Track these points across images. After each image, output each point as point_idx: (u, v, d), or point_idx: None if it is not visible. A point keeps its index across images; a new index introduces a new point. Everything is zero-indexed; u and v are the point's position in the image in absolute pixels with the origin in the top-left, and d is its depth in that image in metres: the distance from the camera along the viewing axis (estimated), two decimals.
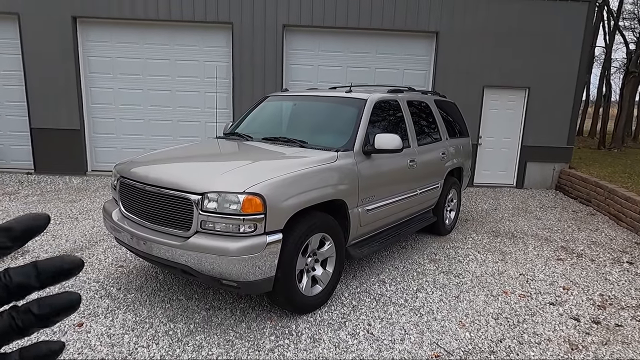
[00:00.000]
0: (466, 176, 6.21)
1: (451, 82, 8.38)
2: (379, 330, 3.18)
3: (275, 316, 3.31)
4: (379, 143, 3.75)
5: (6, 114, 8.52)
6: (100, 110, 8.63)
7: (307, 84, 8.52)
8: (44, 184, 7.72)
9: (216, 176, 3.05)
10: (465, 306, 3.63)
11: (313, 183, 3.26)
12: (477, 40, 8.39)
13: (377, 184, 3.96)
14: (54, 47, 8.12)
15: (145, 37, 8.37)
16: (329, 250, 3.46)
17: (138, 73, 8.50)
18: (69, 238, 4.94)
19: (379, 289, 3.89)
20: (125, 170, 3.49)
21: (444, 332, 3.19)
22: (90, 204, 6.51)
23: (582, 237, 5.75)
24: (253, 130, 4.53)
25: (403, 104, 4.65)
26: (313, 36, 8.49)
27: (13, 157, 8.67)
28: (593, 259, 4.93)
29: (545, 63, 8.50)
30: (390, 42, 8.57)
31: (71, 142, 8.47)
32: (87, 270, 4.06)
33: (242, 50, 8.28)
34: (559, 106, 8.68)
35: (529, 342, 3.11)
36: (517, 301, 3.77)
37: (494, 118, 8.82)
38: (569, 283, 4.23)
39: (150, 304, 3.45)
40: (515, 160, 9.01)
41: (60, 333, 2.97)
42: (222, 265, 2.81)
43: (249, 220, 2.82)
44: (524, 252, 5.08)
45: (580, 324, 3.43)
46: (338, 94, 4.49)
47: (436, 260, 4.67)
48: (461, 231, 5.81)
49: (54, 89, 8.24)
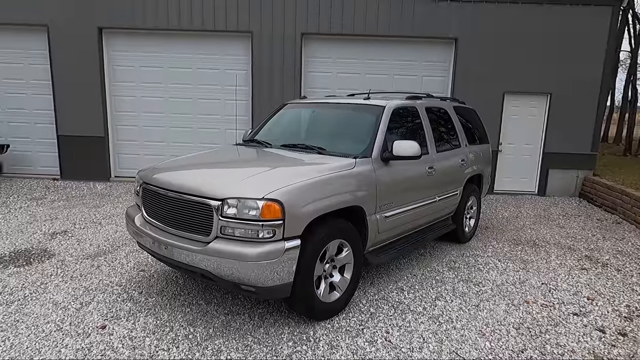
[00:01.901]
0: (486, 183, 6.12)
1: (471, 89, 8.30)
2: (397, 338, 3.15)
3: (293, 322, 3.32)
4: (397, 150, 3.75)
5: (35, 122, 8.83)
6: (123, 118, 8.86)
7: (326, 91, 8.57)
8: (70, 190, 7.95)
9: (236, 182, 3.09)
10: (485, 315, 3.57)
11: (331, 189, 3.27)
12: (497, 46, 8.31)
13: (395, 190, 3.95)
14: (80, 57, 8.40)
15: (167, 46, 8.58)
16: (347, 256, 3.46)
17: (160, 81, 8.71)
18: (92, 242, 5.07)
19: (397, 296, 3.86)
20: (148, 177, 3.58)
21: (463, 342, 3.14)
22: (113, 209, 6.66)
23: (608, 246, 5.59)
24: (272, 137, 4.59)
25: (421, 111, 4.64)
26: (331, 44, 8.56)
27: (40, 164, 8.97)
28: (619, 269, 4.79)
29: (567, 68, 8.34)
30: (409, 48, 8.56)
31: (96, 149, 8.71)
32: (110, 273, 4.16)
33: (261, 59, 8.40)
34: (582, 112, 8.50)
35: (551, 353, 3.04)
36: (539, 311, 3.69)
37: (515, 124, 8.69)
38: (594, 293, 4.12)
39: (170, 307, 3.50)
40: (537, 167, 8.84)
41: (84, 335, 3.05)
42: (241, 270, 2.84)
43: (267, 226, 2.85)
44: (546, 261, 4.97)
45: (605, 335, 3.33)
46: (356, 101, 4.51)
47: (455, 268, 4.61)
48: (481, 239, 5.72)
49: (80, 97, 8.51)
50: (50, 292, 3.72)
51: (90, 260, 4.49)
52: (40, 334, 3.05)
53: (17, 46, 8.56)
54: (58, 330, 3.11)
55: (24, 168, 8.95)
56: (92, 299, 3.61)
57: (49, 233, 5.36)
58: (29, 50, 8.56)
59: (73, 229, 5.55)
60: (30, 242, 5.02)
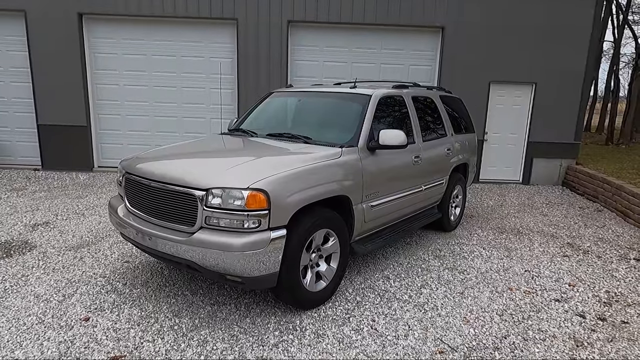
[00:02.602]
0: (472, 172, 6.18)
1: (457, 78, 8.32)
2: (383, 326, 3.18)
3: (280, 311, 3.32)
4: (384, 139, 3.74)
5: (14, 111, 8.59)
6: (106, 107, 8.67)
7: (312, 79, 8.51)
8: (51, 180, 7.78)
9: (220, 172, 3.05)
10: (469, 302, 3.62)
11: (317, 179, 3.26)
12: (483, 35, 8.32)
13: (382, 180, 3.95)
14: (60, 43, 8.16)
15: (150, 33, 8.39)
16: (333, 246, 3.46)
17: (144, 69, 8.53)
18: (75, 233, 4.98)
19: (384, 285, 3.89)
20: (131, 166, 3.51)
21: (448, 328, 3.19)
22: (96, 199, 6.55)
23: (589, 234, 5.71)
24: (258, 126, 4.54)
25: (408, 100, 4.63)
26: (318, 32, 8.47)
27: (21, 154, 8.75)
28: (599, 256, 4.89)
29: (552, 58, 8.41)
30: (396, 37, 8.52)
31: (77, 138, 8.53)
32: (93, 265, 4.10)
33: (246, 46, 8.28)
34: (566, 102, 8.60)
35: (533, 339, 3.10)
36: (522, 298, 3.75)
37: (500, 114, 8.76)
38: (575, 280, 4.20)
39: (155, 299, 3.47)
40: (522, 157, 8.95)
41: (66, 327, 3.01)
42: (226, 260, 2.82)
43: (253, 216, 2.83)
44: (529, 248, 5.05)
45: (585, 320, 3.41)
46: (342, 89, 4.48)
47: (441, 257, 4.66)
48: (466, 227, 5.79)
49: (60, 85, 8.29)
50: (32, 285, 3.65)
51: (73, 252, 4.42)
52: (22, 327, 3.00)
53: None
54: (40, 323, 3.05)
55: (3, 158, 8.72)
56: (75, 291, 3.56)
57: (30, 224, 5.25)
58: (5, 36, 8.28)
59: (55, 220, 5.45)
60: (11, 233, 4.91)
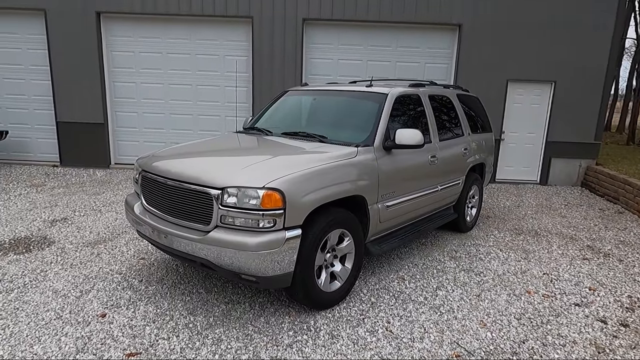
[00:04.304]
0: (488, 172, 6.08)
1: (474, 76, 8.20)
2: (398, 328, 3.14)
3: (294, 311, 3.31)
4: (400, 138, 3.69)
5: (34, 108, 8.76)
6: (123, 104, 8.78)
7: (327, 77, 8.47)
8: (69, 177, 7.91)
9: (236, 171, 3.05)
10: (486, 305, 3.55)
11: (333, 178, 3.23)
12: (501, 32, 8.18)
13: (398, 179, 3.90)
14: (79, 42, 8.29)
15: (166, 31, 8.46)
16: (348, 246, 3.44)
17: (160, 67, 8.61)
18: (92, 230, 5.05)
19: (398, 286, 3.85)
20: (147, 164, 3.53)
21: (464, 332, 3.13)
22: (113, 196, 6.64)
23: (610, 236, 5.57)
24: (272, 124, 4.53)
25: (425, 99, 4.57)
26: (333, 30, 8.42)
27: (40, 150, 8.92)
28: (621, 259, 4.76)
29: (572, 56, 8.22)
30: (412, 35, 8.43)
31: (95, 135, 8.65)
32: (110, 261, 4.15)
33: (261, 44, 8.28)
34: (586, 100, 8.40)
35: (553, 344, 3.03)
36: (541, 301, 3.67)
37: (518, 113, 8.60)
38: (596, 284, 4.10)
39: (171, 296, 3.49)
40: (540, 156, 8.78)
41: (84, 323, 3.04)
42: (241, 259, 2.82)
43: (268, 216, 2.82)
44: (547, 250, 4.95)
45: (607, 326, 3.32)
46: (358, 88, 4.43)
47: (457, 258, 4.59)
48: (482, 228, 5.70)
49: (78, 83, 8.42)
50: (50, 280, 3.70)
51: (90, 248, 4.48)
52: (40, 322, 3.04)
53: (15, 31, 8.43)
54: (58, 319, 3.10)
55: (23, 155, 8.90)
56: (92, 287, 3.60)
57: (48, 220, 5.34)
58: (26, 35, 8.44)
59: (73, 216, 5.53)
60: (30, 229, 5.00)
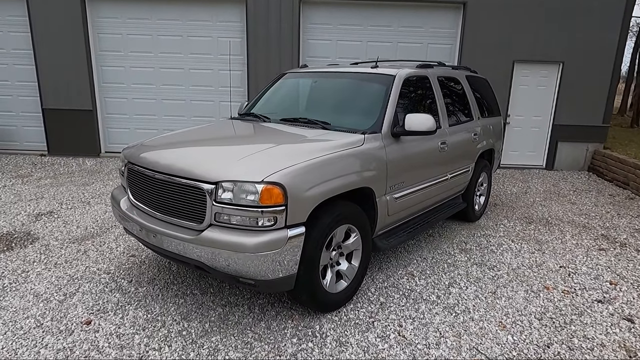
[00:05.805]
0: (497, 158, 5.79)
1: (479, 57, 7.84)
2: (412, 332, 2.89)
3: (297, 314, 3.04)
4: (410, 124, 3.38)
5: (18, 94, 8.34)
6: (111, 90, 8.37)
7: (325, 59, 8.09)
8: (57, 166, 7.56)
9: (231, 163, 2.73)
10: (504, 304, 3.30)
11: (338, 170, 2.93)
12: (507, 11, 7.79)
13: (407, 169, 3.61)
14: (63, 24, 7.83)
15: (156, 12, 8.01)
16: (355, 242, 3.16)
17: (150, 50, 8.18)
18: (80, 224, 4.75)
19: (408, 283, 3.58)
20: (134, 156, 3.21)
21: (483, 335, 2.88)
22: (103, 187, 6.31)
23: (624, 224, 5.32)
24: (270, 110, 4.20)
25: (434, 81, 4.24)
26: (331, 9, 8.01)
27: (26, 139, 8.53)
28: (639, 249, 4.52)
29: (581, 35, 7.87)
30: (414, 14, 8.03)
31: (83, 122, 8.27)
32: (97, 260, 3.85)
33: (256, 25, 7.86)
34: (595, 82, 8.09)
35: (580, 348, 2.78)
36: (561, 298, 3.43)
37: (524, 95, 8.28)
38: (616, 277, 3.86)
39: (162, 299, 3.21)
40: (546, 140, 8.50)
41: (66, 332, 2.76)
42: (239, 262, 2.53)
43: (268, 213, 2.52)
44: (561, 240, 4.70)
45: (635, 325, 3.08)
46: (363, 69, 4.09)
47: (467, 250, 4.33)
48: (491, 217, 5.44)
49: (64, 67, 7.99)
50: (32, 282, 3.41)
51: (77, 245, 4.18)
52: (18, 332, 2.76)
53: None
54: (38, 327, 2.81)
55: (9, 144, 8.52)
56: (77, 289, 3.32)
57: (33, 214, 5.02)
58: (6, 17, 7.97)
59: (59, 210, 5.21)
60: (13, 224, 4.69)
